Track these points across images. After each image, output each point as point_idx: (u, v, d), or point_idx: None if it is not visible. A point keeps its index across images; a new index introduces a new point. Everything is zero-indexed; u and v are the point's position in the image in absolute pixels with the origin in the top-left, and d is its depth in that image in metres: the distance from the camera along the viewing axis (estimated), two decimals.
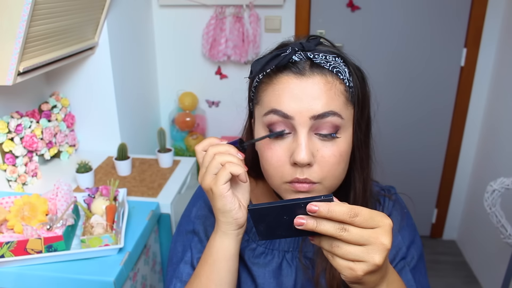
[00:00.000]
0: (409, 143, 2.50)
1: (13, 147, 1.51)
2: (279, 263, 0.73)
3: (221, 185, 0.57)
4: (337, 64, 0.62)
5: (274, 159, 0.62)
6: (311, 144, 0.60)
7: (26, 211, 1.20)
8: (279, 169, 0.62)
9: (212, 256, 0.63)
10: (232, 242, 0.62)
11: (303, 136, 0.59)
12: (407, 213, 0.77)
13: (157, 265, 1.53)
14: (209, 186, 0.59)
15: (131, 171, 1.74)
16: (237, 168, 0.57)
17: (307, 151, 0.59)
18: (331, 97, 0.60)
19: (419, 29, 2.26)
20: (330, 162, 0.61)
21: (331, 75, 0.61)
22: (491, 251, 2.20)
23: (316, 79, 0.60)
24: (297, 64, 0.61)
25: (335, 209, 0.47)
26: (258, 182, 0.79)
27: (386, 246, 0.47)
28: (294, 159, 0.59)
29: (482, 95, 2.32)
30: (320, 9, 2.30)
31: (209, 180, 0.59)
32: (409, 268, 0.72)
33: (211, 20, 2.26)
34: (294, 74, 0.60)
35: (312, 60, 0.61)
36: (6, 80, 1.26)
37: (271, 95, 0.62)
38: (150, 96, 2.41)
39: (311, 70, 0.60)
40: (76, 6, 1.50)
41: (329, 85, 0.60)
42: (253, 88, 0.67)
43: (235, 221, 0.60)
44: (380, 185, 0.78)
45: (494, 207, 1.50)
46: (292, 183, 0.62)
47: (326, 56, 0.61)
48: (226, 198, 0.58)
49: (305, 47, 0.62)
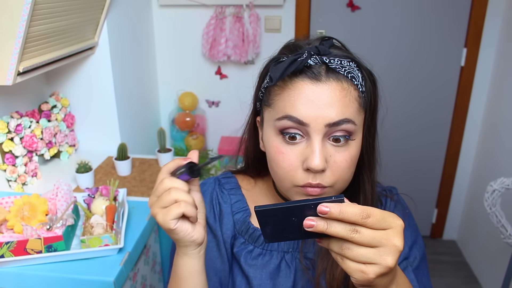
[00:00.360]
0: (409, 143, 2.50)
1: (13, 147, 1.51)
2: (277, 264, 0.73)
3: (170, 220, 0.56)
4: (352, 69, 0.61)
5: (286, 163, 0.61)
6: (324, 150, 0.60)
7: (26, 211, 1.20)
8: (291, 173, 0.61)
9: (177, 274, 0.63)
10: (194, 260, 0.62)
11: (318, 143, 0.59)
12: (409, 214, 0.77)
13: (157, 265, 1.53)
14: (155, 215, 0.57)
15: (131, 171, 1.74)
16: (191, 209, 0.56)
17: (321, 157, 0.59)
18: (345, 105, 0.59)
19: (419, 29, 2.26)
20: (341, 167, 0.61)
21: (346, 81, 0.60)
22: (491, 251, 2.20)
23: (332, 85, 0.59)
24: (313, 69, 0.60)
25: (347, 210, 0.45)
26: (257, 181, 0.79)
27: (399, 247, 0.46)
28: (308, 166, 0.59)
29: (482, 95, 2.32)
30: (320, 9, 2.29)
31: (157, 210, 0.57)
32: (412, 268, 0.72)
33: (211, 20, 2.26)
34: (310, 79, 0.59)
35: (328, 65, 0.60)
36: (6, 80, 1.26)
37: (286, 100, 0.61)
38: (150, 96, 2.41)
39: (326, 76, 0.60)
40: (76, 6, 1.50)
41: (344, 92, 0.60)
42: (262, 89, 0.67)
43: (191, 243, 0.59)
44: (382, 186, 0.78)
45: (494, 207, 1.50)
46: (304, 187, 0.61)
47: (342, 61, 0.61)
48: (175, 230, 0.57)
49: (321, 51, 0.61)
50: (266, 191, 0.77)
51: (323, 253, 0.70)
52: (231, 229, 0.75)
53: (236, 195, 0.77)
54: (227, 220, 0.75)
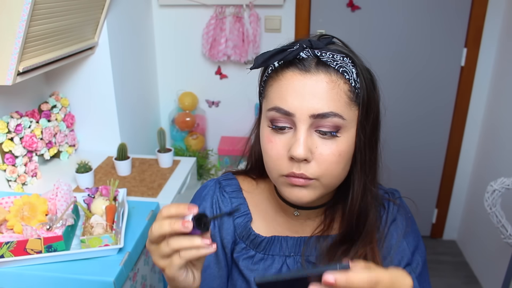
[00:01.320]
0: (409, 142, 2.50)
1: (12, 147, 1.51)
2: (279, 268, 0.72)
3: (176, 271, 0.52)
4: (344, 64, 0.61)
5: (273, 152, 0.63)
6: (310, 140, 0.60)
7: (26, 211, 1.20)
8: (277, 162, 0.62)
9: None
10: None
11: (302, 132, 0.60)
12: (411, 218, 0.76)
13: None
14: (162, 268, 0.53)
15: (131, 171, 1.74)
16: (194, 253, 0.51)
17: (304, 146, 0.59)
18: (332, 97, 0.59)
19: (419, 29, 2.26)
20: (328, 160, 0.61)
21: (336, 74, 0.60)
22: (491, 251, 2.19)
23: (320, 76, 0.60)
24: (303, 61, 0.61)
25: (354, 280, 0.44)
26: (258, 182, 0.78)
27: None
28: (291, 154, 0.60)
29: (482, 95, 2.32)
30: (320, 9, 2.29)
31: (160, 262, 0.53)
32: (415, 275, 0.71)
33: (211, 20, 2.26)
34: (299, 70, 0.60)
35: (319, 58, 0.61)
36: (5, 80, 1.26)
37: (276, 91, 0.62)
38: (150, 96, 2.41)
39: (316, 68, 0.60)
40: (76, 6, 1.50)
41: (332, 84, 0.60)
42: (262, 83, 0.68)
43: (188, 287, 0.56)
44: (384, 188, 0.77)
45: (495, 207, 1.50)
46: (288, 176, 0.62)
47: (334, 55, 0.61)
48: (180, 277, 0.54)
49: (314, 44, 0.62)
50: (268, 193, 0.76)
51: (324, 256, 0.70)
52: (231, 234, 0.74)
53: (237, 199, 0.76)
54: (228, 225, 0.74)
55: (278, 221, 0.75)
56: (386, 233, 0.72)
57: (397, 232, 0.73)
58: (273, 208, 0.75)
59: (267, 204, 0.76)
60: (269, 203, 0.76)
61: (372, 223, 0.69)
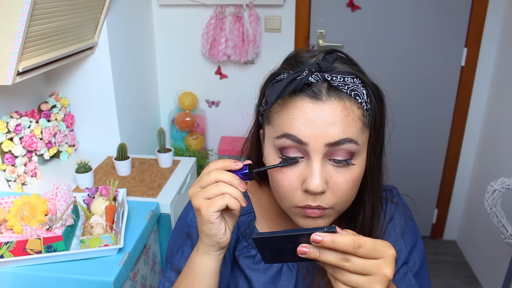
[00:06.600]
0: (410, 142, 2.50)
1: (12, 147, 1.51)
2: (280, 268, 0.73)
3: (213, 212, 0.56)
4: (356, 86, 0.58)
5: (285, 183, 0.60)
6: (324, 171, 0.58)
7: (26, 211, 1.20)
8: (290, 193, 0.60)
9: (192, 272, 0.63)
10: (212, 261, 0.62)
11: (317, 164, 0.57)
12: (410, 216, 0.76)
13: (156, 266, 1.53)
14: (199, 207, 0.57)
15: (131, 171, 1.74)
16: (235, 202, 0.57)
17: (320, 179, 0.57)
18: (348, 124, 0.57)
19: (419, 29, 2.26)
20: (343, 188, 0.59)
21: (349, 100, 0.57)
22: (491, 251, 2.19)
23: (333, 104, 0.56)
24: (313, 87, 0.57)
25: (338, 240, 0.47)
26: (262, 186, 0.77)
27: (388, 277, 0.48)
28: (306, 187, 0.57)
29: (482, 95, 2.32)
30: (320, 9, 2.29)
31: (201, 201, 0.57)
32: (412, 273, 0.71)
33: (211, 20, 2.26)
34: (310, 98, 0.57)
35: (330, 82, 0.57)
36: (5, 80, 1.26)
37: (285, 119, 0.58)
38: (150, 96, 2.41)
39: (328, 94, 0.57)
40: (76, 6, 1.50)
41: (346, 111, 0.57)
42: (263, 104, 0.65)
43: (218, 244, 0.60)
44: (382, 186, 0.76)
45: (495, 207, 1.50)
46: (304, 208, 0.60)
47: (345, 78, 0.58)
48: (213, 224, 0.57)
49: (322, 67, 0.58)
50: (271, 197, 0.75)
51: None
52: (235, 231, 0.74)
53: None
54: None
55: (280, 223, 0.75)
56: (383, 232, 0.72)
57: (395, 231, 0.73)
58: (276, 212, 0.75)
59: (271, 206, 0.75)
60: (271, 206, 0.75)
61: (375, 229, 0.70)
